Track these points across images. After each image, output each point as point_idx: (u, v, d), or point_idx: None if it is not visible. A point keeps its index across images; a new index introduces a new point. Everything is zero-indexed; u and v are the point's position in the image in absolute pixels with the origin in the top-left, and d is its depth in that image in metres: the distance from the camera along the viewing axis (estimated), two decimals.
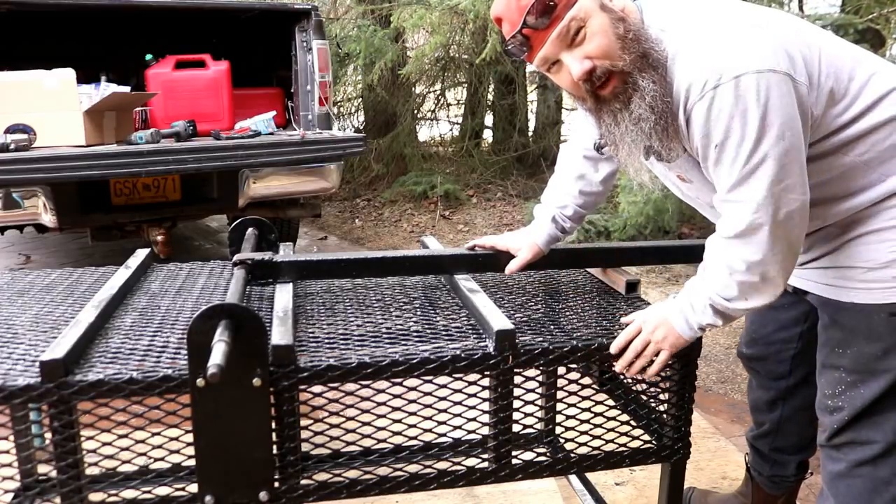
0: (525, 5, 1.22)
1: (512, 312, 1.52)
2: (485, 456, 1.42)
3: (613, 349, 1.37)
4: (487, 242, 1.69)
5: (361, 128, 7.45)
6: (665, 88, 1.23)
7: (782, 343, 1.67)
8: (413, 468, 1.38)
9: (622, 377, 1.62)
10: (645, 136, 1.26)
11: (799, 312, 1.61)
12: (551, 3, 1.20)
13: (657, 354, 1.36)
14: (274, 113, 3.92)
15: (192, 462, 1.24)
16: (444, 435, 1.42)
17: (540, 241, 1.67)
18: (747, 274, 1.26)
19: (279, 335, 1.26)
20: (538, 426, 1.89)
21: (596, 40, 1.22)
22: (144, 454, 1.29)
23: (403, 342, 1.36)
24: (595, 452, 1.46)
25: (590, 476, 1.93)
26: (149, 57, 3.85)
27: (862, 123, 1.28)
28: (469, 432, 1.41)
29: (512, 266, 1.65)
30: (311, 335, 1.39)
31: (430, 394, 1.37)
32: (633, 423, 1.54)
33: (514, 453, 1.39)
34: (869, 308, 1.34)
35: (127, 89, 3.77)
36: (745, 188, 1.22)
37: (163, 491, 1.30)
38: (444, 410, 1.39)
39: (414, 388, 1.35)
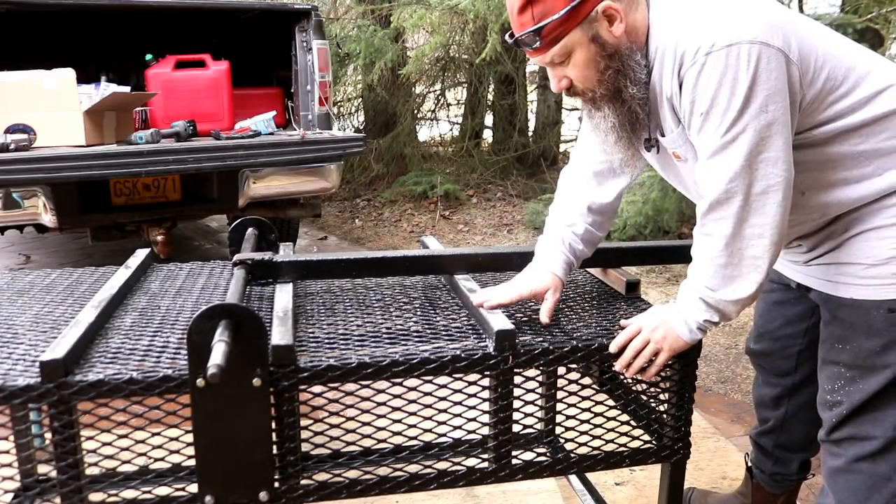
0: (522, 23, 1.30)
1: (512, 312, 1.52)
2: (485, 456, 1.42)
3: (613, 348, 1.37)
4: (506, 299, 1.47)
5: (361, 128, 7.45)
6: (631, 110, 1.34)
7: (788, 339, 1.68)
8: (413, 468, 1.38)
9: (622, 377, 1.62)
10: (614, 133, 1.39)
11: (805, 308, 1.62)
12: (540, 37, 1.29)
13: (656, 355, 1.37)
14: (274, 113, 3.92)
15: (192, 462, 1.24)
16: (444, 435, 1.42)
17: (558, 271, 1.52)
18: (724, 253, 1.27)
19: (279, 335, 1.26)
20: (538, 426, 1.88)
21: (577, 70, 1.33)
22: (144, 454, 1.29)
23: (403, 342, 1.36)
24: (595, 452, 1.46)
25: (590, 476, 1.93)
26: (149, 57, 3.85)
27: (859, 115, 1.30)
28: (469, 432, 1.41)
29: (545, 315, 1.46)
30: (311, 335, 1.39)
31: (430, 394, 1.37)
32: (633, 423, 1.54)
33: (514, 453, 1.39)
34: (868, 304, 1.35)
35: (127, 89, 3.77)
36: (723, 156, 1.24)
37: (163, 491, 1.30)
38: (444, 410, 1.39)
39: (414, 388, 1.35)
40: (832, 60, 1.28)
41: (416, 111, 7.22)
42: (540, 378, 1.67)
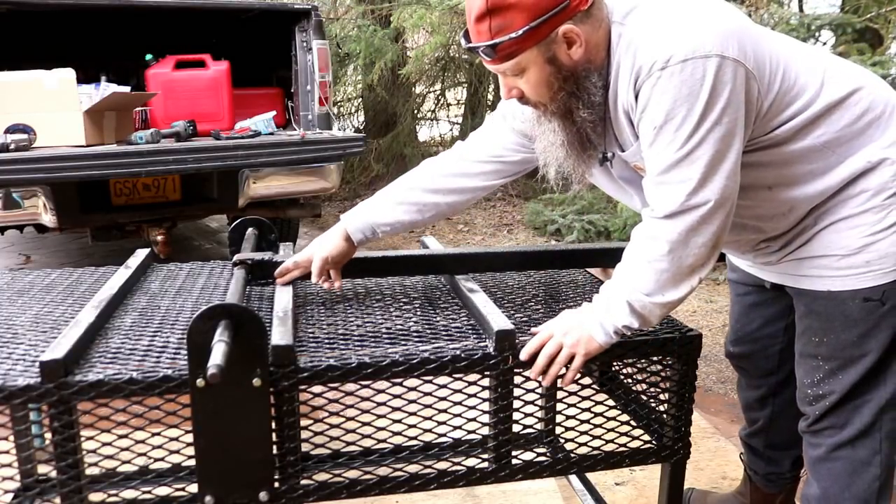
0: (479, 32, 1.25)
1: (512, 312, 1.52)
2: (485, 456, 1.42)
3: (524, 356, 1.33)
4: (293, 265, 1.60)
5: (361, 128, 7.44)
6: (581, 131, 1.32)
7: (768, 339, 1.68)
8: (413, 468, 1.38)
9: (620, 377, 1.62)
10: (563, 149, 1.36)
11: (782, 307, 1.62)
12: (495, 52, 1.24)
13: (572, 360, 1.32)
14: (274, 113, 3.92)
15: (192, 462, 1.24)
16: (444, 435, 1.42)
17: (353, 232, 1.57)
18: (665, 260, 1.25)
19: (279, 335, 1.26)
20: (538, 426, 1.89)
21: (529, 86, 1.29)
22: (144, 454, 1.29)
23: (403, 342, 1.36)
24: (595, 452, 1.46)
25: (590, 476, 1.93)
26: (149, 57, 3.84)
27: (815, 106, 1.30)
28: (469, 432, 1.41)
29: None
30: (311, 335, 1.39)
31: (430, 394, 1.37)
32: (633, 423, 1.54)
33: (514, 453, 1.39)
34: (844, 295, 1.35)
35: (127, 89, 3.77)
36: (679, 170, 1.22)
37: (163, 491, 1.30)
38: (444, 410, 1.39)
39: (414, 388, 1.35)
40: (784, 61, 1.29)
41: (416, 111, 7.21)
42: (540, 378, 1.68)
